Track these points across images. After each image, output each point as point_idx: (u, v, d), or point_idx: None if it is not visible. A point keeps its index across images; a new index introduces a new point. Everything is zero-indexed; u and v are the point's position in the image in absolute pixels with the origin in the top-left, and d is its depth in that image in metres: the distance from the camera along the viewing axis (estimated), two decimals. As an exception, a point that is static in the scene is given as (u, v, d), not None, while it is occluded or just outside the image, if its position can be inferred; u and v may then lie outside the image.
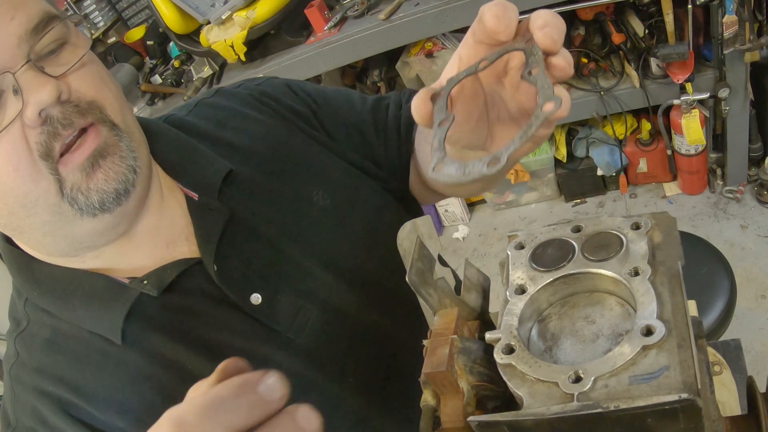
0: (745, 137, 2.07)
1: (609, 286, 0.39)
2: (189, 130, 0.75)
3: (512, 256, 0.45)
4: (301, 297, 0.70)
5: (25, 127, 0.54)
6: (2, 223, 0.60)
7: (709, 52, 1.88)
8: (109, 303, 0.64)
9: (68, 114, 0.56)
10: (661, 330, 0.33)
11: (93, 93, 0.59)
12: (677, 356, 0.32)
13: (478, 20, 0.47)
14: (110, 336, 0.63)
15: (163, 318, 0.65)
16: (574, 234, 0.43)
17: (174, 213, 0.69)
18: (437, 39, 2.11)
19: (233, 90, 0.82)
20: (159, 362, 0.64)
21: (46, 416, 0.63)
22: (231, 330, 0.66)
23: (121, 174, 0.59)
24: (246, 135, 0.76)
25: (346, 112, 0.84)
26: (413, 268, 0.43)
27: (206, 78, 2.34)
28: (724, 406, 0.81)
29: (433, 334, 0.43)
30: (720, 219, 2.23)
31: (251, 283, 0.68)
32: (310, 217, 0.74)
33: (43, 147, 0.55)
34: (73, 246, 0.62)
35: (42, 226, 0.59)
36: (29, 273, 0.65)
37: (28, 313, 0.67)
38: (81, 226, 0.59)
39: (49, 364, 0.64)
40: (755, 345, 1.88)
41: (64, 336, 0.65)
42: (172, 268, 0.66)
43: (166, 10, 2.11)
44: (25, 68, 0.54)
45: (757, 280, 2.03)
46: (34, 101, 0.53)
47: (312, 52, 2.09)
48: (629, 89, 2.04)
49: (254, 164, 0.74)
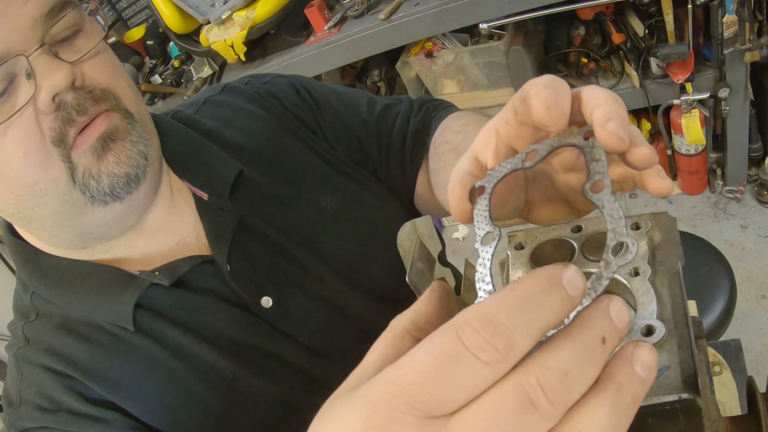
0: (745, 137, 2.07)
1: (609, 286, 0.39)
2: (197, 128, 0.74)
3: (512, 256, 0.45)
4: (311, 301, 0.70)
5: (39, 112, 0.53)
6: (9, 213, 0.59)
7: (709, 52, 1.88)
8: (118, 292, 0.63)
9: (82, 100, 0.55)
10: (661, 330, 0.33)
11: (107, 81, 0.58)
12: (677, 356, 0.32)
13: (522, 100, 0.37)
14: (122, 323, 0.63)
15: (175, 311, 0.64)
16: (574, 234, 0.43)
17: (183, 212, 0.68)
18: (437, 39, 2.11)
19: (240, 86, 0.81)
20: (172, 351, 0.63)
21: (52, 393, 0.62)
22: (243, 330, 0.66)
23: (132, 159, 0.58)
24: (252, 135, 0.75)
25: (350, 120, 0.81)
26: (413, 268, 0.43)
27: (206, 78, 2.34)
28: (724, 406, 0.81)
29: (433, 334, 0.42)
30: (720, 219, 2.23)
31: (261, 286, 0.67)
32: (318, 221, 0.74)
33: (57, 133, 0.54)
34: (82, 237, 0.61)
35: (51, 216, 0.58)
36: (35, 265, 0.64)
37: (36, 306, 0.66)
38: (91, 215, 0.58)
39: (59, 346, 0.63)
40: (755, 345, 1.88)
41: (74, 323, 0.64)
42: (185, 262, 0.65)
43: (166, 10, 2.11)
44: (39, 52, 0.53)
45: (757, 280, 2.03)
46: (48, 85, 0.52)
47: (312, 52, 2.08)
48: (629, 89, 2.04)
49: (261, 166, 0.74)
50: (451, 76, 2.17)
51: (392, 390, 0.25)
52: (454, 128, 0.78)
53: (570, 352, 0.26)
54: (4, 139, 0.53)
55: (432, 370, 0.25)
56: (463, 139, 0.73)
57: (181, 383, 0.63)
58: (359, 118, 0.82)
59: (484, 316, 0.25)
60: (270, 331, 0.67)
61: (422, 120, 0.82)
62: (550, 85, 0.36)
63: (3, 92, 0.52)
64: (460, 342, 0.25)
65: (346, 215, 0.76)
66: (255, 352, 0.66)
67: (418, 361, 0.25)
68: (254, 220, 0.70)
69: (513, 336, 0.25)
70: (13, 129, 0.53)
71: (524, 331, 0.25)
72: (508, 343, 0.25)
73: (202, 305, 0.65)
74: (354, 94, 0.85)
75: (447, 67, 2.13)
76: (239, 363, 0.65)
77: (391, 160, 0.81)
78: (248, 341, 0.66)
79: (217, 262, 0.66)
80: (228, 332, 0.65)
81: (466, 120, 0.77)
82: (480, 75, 2.15)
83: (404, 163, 0.81)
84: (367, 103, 0.84)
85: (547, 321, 0.26)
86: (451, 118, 0.80)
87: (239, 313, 0.66)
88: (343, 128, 0.81)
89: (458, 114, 0.81)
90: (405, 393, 0.25)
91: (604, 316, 0.27)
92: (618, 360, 0.27)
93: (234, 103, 0.78)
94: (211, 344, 0.64)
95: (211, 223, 0.67)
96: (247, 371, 0.65)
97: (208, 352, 0.64)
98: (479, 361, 0.25)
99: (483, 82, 2.17)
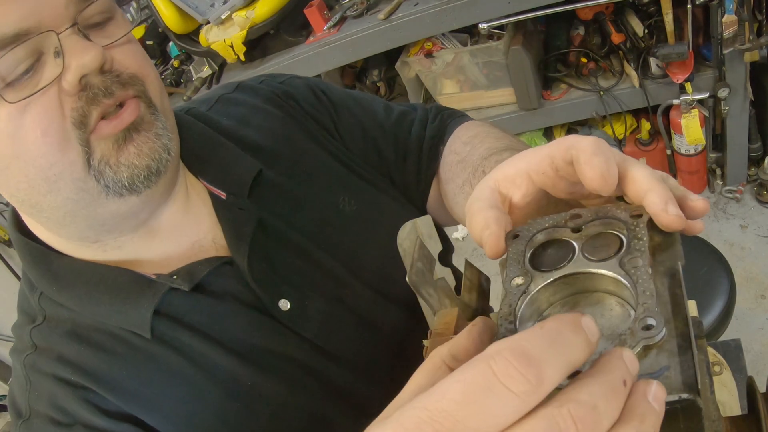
0: (745, 137, 2.07)
1: (609, 286, 0.39)
2: (213, 126, 0.72)
3: (510, 254, 0.44)
4: (329, 304, 0.68)
5: (63, 92, 0.52)
6: (20, 199, 0.56)
7: (709, 51, 1.88)
8: (135, 297, 0.60)
9: (109, 83, 0.54)
10: (661, 330, 0.33)
11: (136, 68, 0.57)
12: (677, 356, 0.32)
13: (568, 162, 0.40)
14: (138, 330, 0.60)
15: (192, 316, 0.62)
16: (575, 234, 0.43)
17: (199, 211, 0.66)
18: (437, 39, 2.11)
19: (255, 85, 0.80)
20: (190, 359, 0.61)
21: (65, 404, 0.59)
22: (262, 334, 0.64)
23: (155, 151, 0.56)
24: (269, 134, 0.74)
25: (366, 125, 0.81)
26: (413, 268, 0.43)
27: (206, 78, 2.33)
28: (724, 406, 0.81)
29: (433, 334, 0.43)
30: (719, 219, 2.23)
31: (279, 288, 0.66)
32: (336, 223, 0.72)
33: (79, 113, 0.52)
34: (94, 229, 0.59)
35: (64, 204, 0.56)
36: (45, 266, 0.62)
37: (43, 308, 0.63)
38: (105, 206, 0.57)
39: (70, 354, 0.61)
40: (755, 345, 1.88)
41: (86, 329, 0.61)
42: (203, 265, 0.63)
43: (166, 10, 2.11)
44: (70, 31, 0.51)
45: (757, 279, 2.03)
46: (76, 65, 0.51)
47: (311, 52, 2.08)
48: (629, 89, 2.04)
49: (279, 166, 0.72)
50: (451, 76, 2.17)
51: (423, 416, 0.26)
52: (463, 139, 0.78)
53: (599, 388, 0.27)
54: (23, 117, 0.51)
55: (463, 398, 0.25)
56: (470, 152, 0.74)
57: (199, 392, 0.61)
58: (376, 122, 0.81)
59: (516, 348, 0.26)
60: (288, 334, 0.65)
61: (438, 126, 0.82)
62: (600, 152, 0.38)
63: (28, 69, 0.51)
64: (491, 372, 0.26)
65: (364, 217, 0.74)
66: (273, 357, 0.65)
67: (449, 389, 0.26)
68: (273, 221, 0.68)
69: (544, 369, 0.26)
70: (34, 107, 0.51)
71: (554, 365, 0.26)
72: (539, 375, 0.26)
73: (219, 310, 0.63)
74: (370, 99, 0.85)
75: (446, 67, 2.13)
76: (257, 370, 0.63)
77: (407, 164, 0.81)
78: (266, 346, 0.64)
79: (237, 262, 0.64)
80: (246, 337, 0.64)
81: (475, 132, 0.78)
82: (479, 75, 2.15)
83: (420, 168, 0.81)
84: (384, 108, 0.83)
85: (575, 358, 0.27)
86: (462, 128, 0.81)
87: (257, 316, 0.65)
88: (360, 131, 0.80)
89: (468, 124, 0.82)
90: (435, 419, 0.25)
91: (622, 362, 0.29)
92: (635, 396, 0.28)
93: (250, 101, 0.77)
94: (229, 351, 0.63)
95: (230, 222, 0.66)
96: (266, 378, 0.64)
97: (226, 359, 0.62)
98: (510, 392, 0.25)
99: (482, 82, 2.17)
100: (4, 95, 0.50)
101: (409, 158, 0.81)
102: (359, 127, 0.80)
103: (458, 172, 0.74)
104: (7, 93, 0.50)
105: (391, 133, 0.81)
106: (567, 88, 2.15)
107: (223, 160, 0.69)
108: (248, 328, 0.64)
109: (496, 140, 0.74)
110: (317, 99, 0.80)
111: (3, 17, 0.48)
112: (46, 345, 0.62)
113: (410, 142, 0.81)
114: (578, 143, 0.39)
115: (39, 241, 0.64)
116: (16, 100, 0.50)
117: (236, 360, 0.62)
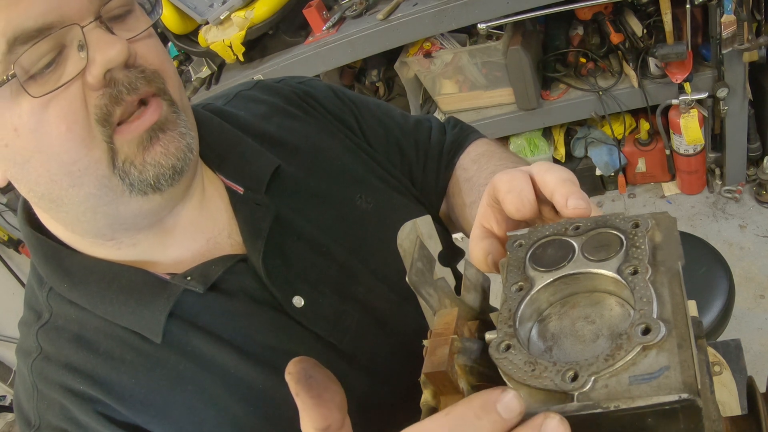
0: (744, 137, 2.08)
1: (609, 287, 0.39)
2: (231, 121, 0.72)
3: (511, 257, 0.45)
4: (343, 301, 0.68)
5: (87, 87, 0.51)
6: (39, 193, 0.55)
7: (708, 51, 1.89)
8: (149, 299, 0.59)
9: (134, 79, 0.53)
10: (661, 330, 0.33)
11: (158, 64, 0.56)
12: (677, 356, 0.32)
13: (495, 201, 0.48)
14: (149, 335, 0.59)
15: (206, 318, 0.62)
16: (574, 234, 0.43)
17: (215, 207, 0.66)
18: (435, 39, 2.11)
19: (275, 85, 0.80)
20: (200, 364, 0.61)
21: (77, 416, 0.58)
22: (275, 333, 0.64)
23: (180, 151, 0.56)
24: (290, 131, 0.74)
25: (388, 125, 0.82)
26: (413, 268, 0.43)
27: (205, 78, 2.33)
28: (724, 406, 0.81)
29: (433, 334, 0.42)
30: (719, 219, 2.23)
31: (293, 285, 0.65)
32: (353, 220, 0.72)
33: (102, 111, 0.51)
34: (113, 226, 0.58)
35: (86, 200, 0.55)
36: (57, 263, 0.61)
37: (50, 305, 0.62)
38: (127, 204, 0.56)
39: (78, 362, 0.60)
40: (754, 345, 1.88)
41: (94, 332, 0.60)
42: (217, 265, 0.62)
43: (165, 11, 2.11)
44: (94, 25, 0.50)
45: (756, 279, 2.03)
46: (101, 59, 0.50)
47: (310, 52, 2.09)
48: (628, 89, 2.04)
49: (298, 162, 0.72)
50: (450, 76, 2.17)
51: None
52: (472, 155, 0.82)
53: None
54: (46, 112, 0.50)
55: None
56: (476, 171, 0.78)
57: (209, 398, 0.60)
58: (396, 123, 0.83)
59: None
60: (302, 333, 0.64)
61: (458, 134, 0.86)
62: (512, 188, 0.45)
63: (51, 62, 0.49)
64: None
65: (381, 215, 0.74)
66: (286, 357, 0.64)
67: None
68: (290, 215, 0.68)
69: None
70: (58, 102, 0.50)
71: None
72: None
73: (232, 309, 0.62)
74: (386, 105, 0.87)
75: (445, 67, 2.13)
76: (270, 372, 0.62)
77: (428, 166, 0.82)
78: (280, 346, 0.63)
79: (251, 259, 0.63)
80: (259, 337, 0.63)
81: (482, 150, 0.82)
82: (478, 75, 2.15)
83: (439, 171, 0.82)
84: (401, 114, 0.85)
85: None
86: (474, 145, 0.85)
87: (271, 314, 0.64)
88: (383, 131, 0.81)
89: (479, 142, 0.86)
90: None
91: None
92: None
93: (269, 99, 0.77)
94: (241, 353, 0.61)
95: (247, 217, 0.65)
96: (278, 380, 0.61)
97: (238, 361, 0.61)
98: None
99: (482, 82, 2.17)
100: (28, 89, 0.49)
101: (430, 161, 0.82)
102: (382, 126, 0.81)
103: (466, 189, 0.78)
104: (30, 87, 0.49)
105: (411, 136, 0.83)
106: (566, 88, 2.15)
107: (242, 155, 0.69)
108: (261, 328, 0.63)
109: (499, 160, 0.78)
110: (339, 99, 0.80)
111: (26, 11, 0.47)
112: (53, 349, 0.61)
113: (431, 146, 0.83)
114: (497, 183, 0.47)
115: (52, 237, 0.63)
116: (40, 95, 0.49)
117: (249, 362, 0.62)
